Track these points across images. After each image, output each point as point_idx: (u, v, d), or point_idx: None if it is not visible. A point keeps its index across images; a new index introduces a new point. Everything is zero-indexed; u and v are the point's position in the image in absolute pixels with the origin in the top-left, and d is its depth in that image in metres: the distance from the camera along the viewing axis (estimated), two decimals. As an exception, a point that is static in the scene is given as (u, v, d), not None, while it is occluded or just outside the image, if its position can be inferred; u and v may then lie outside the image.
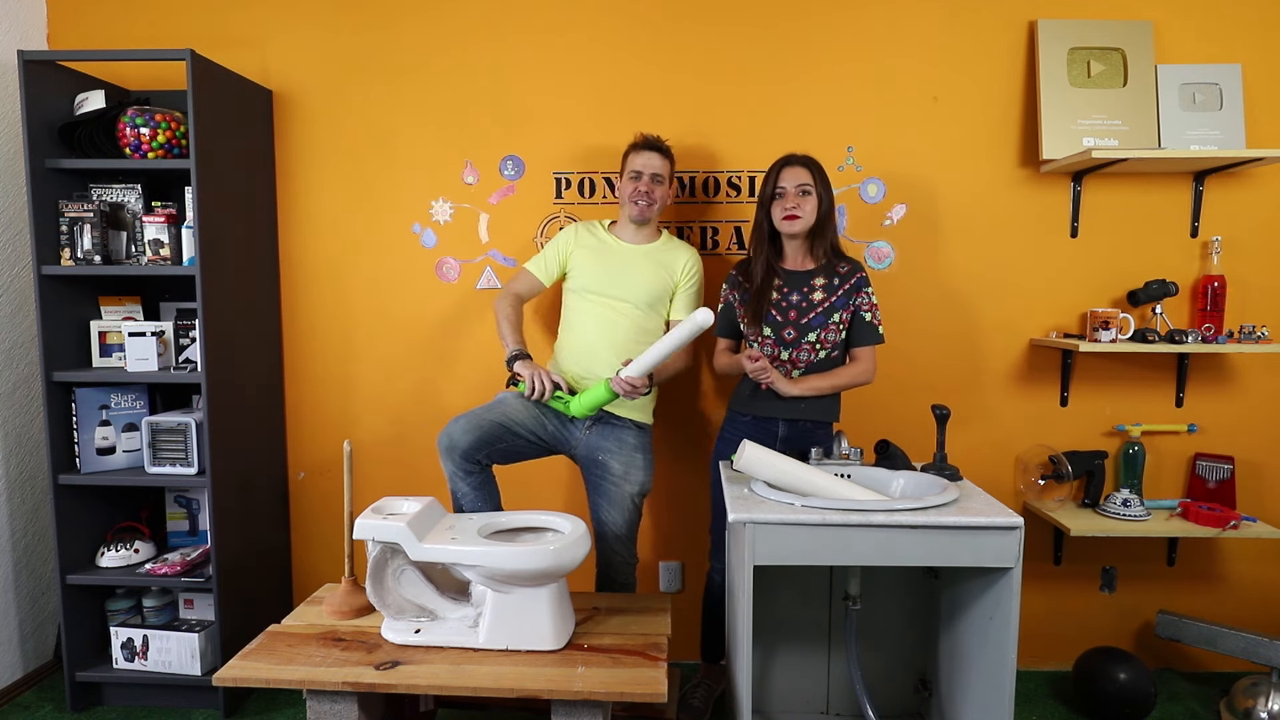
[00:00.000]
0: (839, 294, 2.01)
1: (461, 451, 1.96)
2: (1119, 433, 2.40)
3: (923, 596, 2.02)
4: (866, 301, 2.02)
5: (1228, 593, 2.45)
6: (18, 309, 2.35)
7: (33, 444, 2.39)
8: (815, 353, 2.01)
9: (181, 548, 2.34)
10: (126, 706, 2.28)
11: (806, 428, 2.04)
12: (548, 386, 1.95)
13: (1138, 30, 2.28)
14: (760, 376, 1.92)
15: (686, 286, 2.12)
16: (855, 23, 2.34)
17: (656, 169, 2.07)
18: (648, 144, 2.08)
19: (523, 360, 2.00)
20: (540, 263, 2.18)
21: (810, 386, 1.98)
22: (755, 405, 2.04)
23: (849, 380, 2.03)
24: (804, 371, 2.02)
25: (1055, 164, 2.26)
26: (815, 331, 2.00)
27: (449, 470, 1.99)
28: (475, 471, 1.99)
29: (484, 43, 2.38)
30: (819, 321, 2.00)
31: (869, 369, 2.03)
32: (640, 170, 2.07)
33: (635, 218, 2.10)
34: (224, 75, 2.19)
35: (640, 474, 2.09)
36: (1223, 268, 2.29)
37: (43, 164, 2.12)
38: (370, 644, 1.78)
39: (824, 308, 2.00)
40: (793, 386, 1.96)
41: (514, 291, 2.16)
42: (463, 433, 1.96)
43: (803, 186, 1.97)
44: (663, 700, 1.57)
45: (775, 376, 1.94)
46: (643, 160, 2.07)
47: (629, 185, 2.08)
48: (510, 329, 2.07)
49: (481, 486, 2.02)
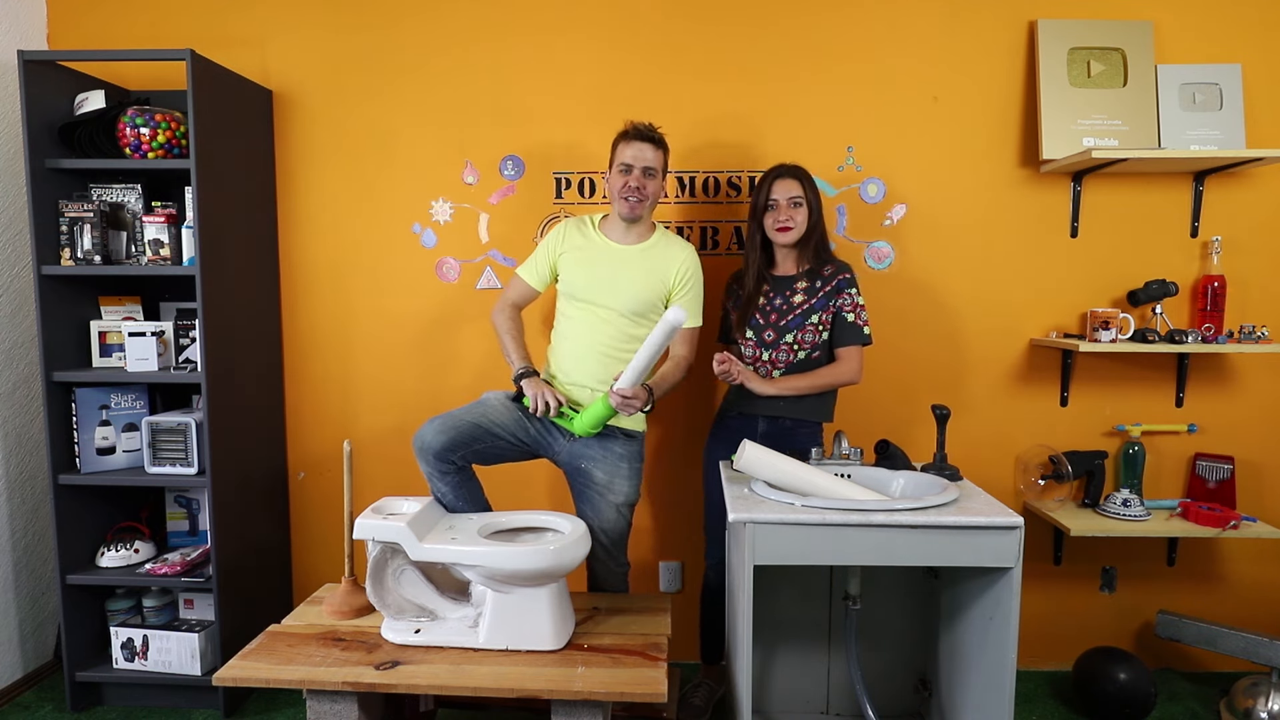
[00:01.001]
0: (819, 296, 2.03)
1: (434, 453, 1.90)
2: (1119, 433, 2.40)
3: (923, 596, 2.02)
4: (849, 302, 2.02)
5: (1228, 593, 2.45)
6: (18, 309, 2.35)
7: (33, 444, 2.39)
8: (794, 353, 2.03)
9: (181, 548, 2.34)
10: (126, 706, 2.28)
11: (787, 425, 2.05)
12: (551, 405, 1.91)
13: (1138, 30, 2.28)
14: (725, 377, 1.96)
15: (684, 289, 2.02)
16: (855, 22, 2.34)
17: (648, 161, 1.94)
18: (639, 133, 1.94)
19: (528, 379, 1.96)
20: (531, 268, 2.10)
21: (786, 386, 2.00)
22: (739, 404, 2.08)
23: (828, 380, 2.03)
24: (784, 371, 2.04)
25: (1055, 164, 2.26)
26: (793, 333, 2.02)
27: (424, 471, 1.95)
28: (451, 472, 1.94)
29: (484, 43, 2.39)
30: (796, 323, 2.02)
31: (852, 369, 2.03)
32: (630, 163, 1.94)
33: (626, 215, 1.99)
34: (224, 75, 2.19)
35: (625, 484, 2.01)
36: (1223, 268, 2.29)
37: (43, 164, 2.12)
38: (370, 644, 1.78)
39: (802, 310, 2.02)
40: (768, 386, 1.99)
41: (510, 302, 2.12)
42: (435, 434, 1.90)
43: (794, 199, 2.01)
44: (663, 700, 1.57)
45: (746, 375, 1.98)
46: (633, 152, 1.94)
47: (618, 180, 1.96)
48: (513, 344, 2.03)
49: (460, 486, 1.97)
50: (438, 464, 1.92)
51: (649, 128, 1.97)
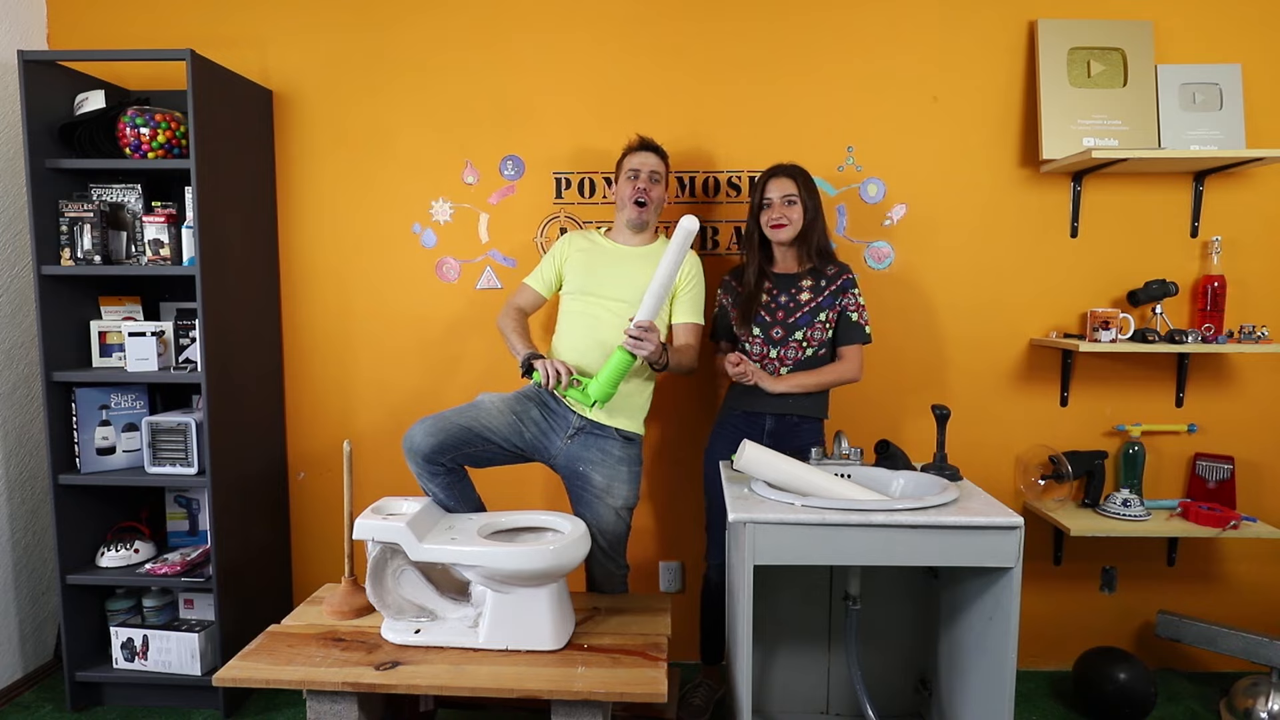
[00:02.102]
0: (825, 294, 2.06)
1: (423, 455, 1.90)
2: (1119, 433, 2.40)
3: (923, 596, 2.02)
4: (853, 302, 2.06)
5: (1228, 593, 2.45)
6: (18, 309, 2.35)
7: (33, 444, 2.39)
8: (802, 350, 2.06)
9: (181, 548, 2.34)
10: (126, 706, 2.28)
11: (793, 422, 2.07)
12: (562, 372, 1.89)
13: (1138, 30, 2.28)
14: (741, 378, 2.00)
15: (687, 289, 2.08)
16: (855, 22, 2.34)
17: (654, 167, 2.08)
18: (644, 145, 2.10)
19: (537, 358, 1.95)
20: (538, 275, 2.15)
21: (795, 383, 2.03)
22: (744, 402, 2.09)
23: (834, 377, 2.07)
24: (791, 369, 2.06)
25: (1055, 164, 2.26)
26: (802, 330, 2.05)
27: (414, 471, 1.94)
28: (440, 474, 1.94)
29: (484, 43, 2.39)
30: (805, 320, 2.05)
31: (855, 367, 2.08)
32: (638, 169, 2.07)
33: (633, 221, 2.08)
34: (224, 75, 2.19)
35: (624, 488, 2.02)
36: (1223, 268, 2.29)
37: (43, 164, 2.12)
38: (370, 644, 1.78)
39: (810, 307, 2.05)
40: (778, 384, 2.02)
41: (515, 306, 2.13)
42: (423, 436, 1.89)
43: (788, 196, 2.04)
44: (663, 700, 1.57)
45: (759, 375, 2.01)
46: (639, 159, 2.08)
47: (626, 186, 2.08)
48: (518, 337, 2.04)
49: (450, 488, 1.96)
50: (426, 465, 1.92)
51: (651, 140, 2.12)
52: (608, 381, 1.87)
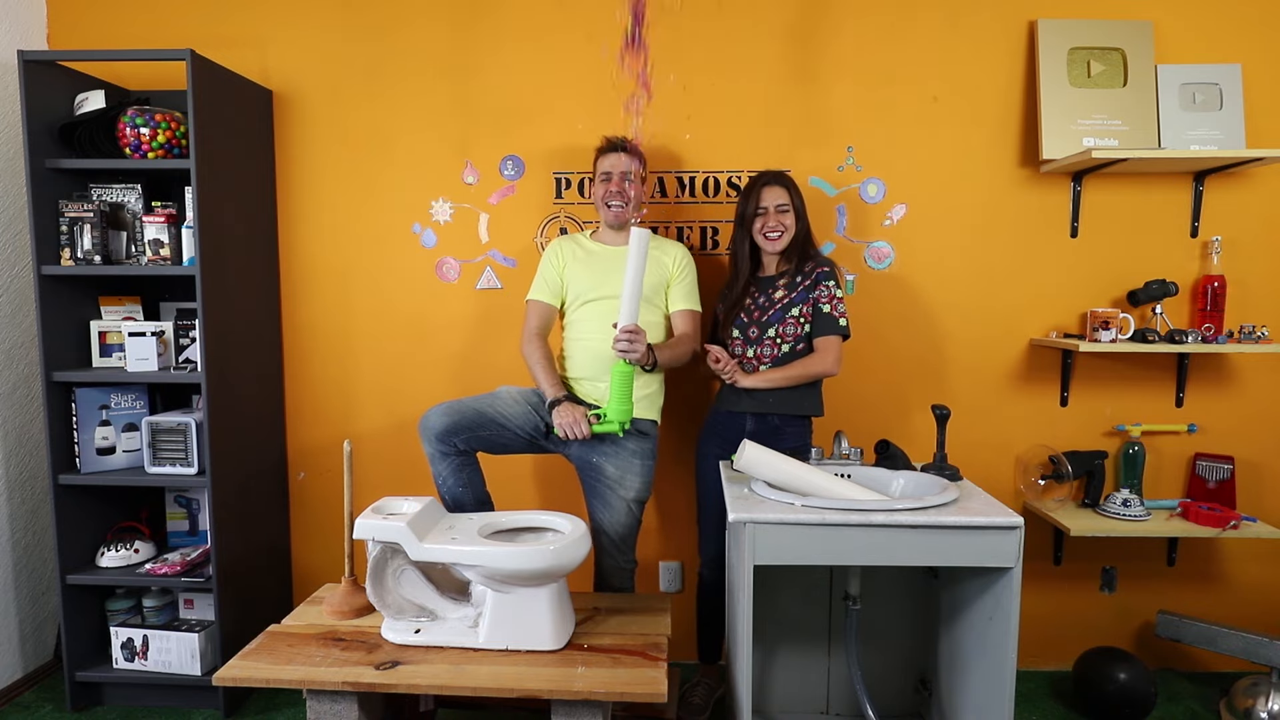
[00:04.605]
0: (799, 290, 2.06)
1: (436, 433, 1.96)
2: (1119, 433, 2.40)
3: (923, 596, 2.02)
4: (826, 294, 2.04)
5: (1228, 593, 2.45)
6: (18, 309, 2.35)
7: (33, 444, 2.39)
8: (777, 348, 2.05)
9: (181, 548, 2.34)
10: (126, 706, 2.28)
11: (774, 422, 2.05)
12: (580, 421, 1.93)
13: (1138, 30, 2.28)
14: (721, 372, 2.02)
15: (681, 278, 2.11)
16: (855, 22, 2.33)
17: (625, 168, 2.09)
18: (612, 146, 2.11)
19: (558, 407, 1.97)
20: (542, 286, 2.15)
21: (765, 379, 2.03)
22: (729, 401, 2.10)
23: (804, 370, 2.03)
24: (770, 366, 2.06)
25: (1055, 164, 2.26)
26: (774, 326, 2.05)
27: (427, 451, 2.00)
28: (452, 454, 1.99)
29: (484, 43, 2.39)
30: (777, 317, 2.05)
31: (828, 360, 2.04)
32: (610, 171, 2.09)
33: (612, 221, 2.12)
34: (224, 75, 2.19)
35: (636, 480, 2.05)
36: (1223, 268, 2.29)
37: (43, 164, 2.12)
38: (370, 644, 1.78)
39: (782, 304, 2.05)
40: (748, 380, 2.03)
41: (534, 332, 2.12)
42: (439, 415, 1.97)
43: (781, 205, 2.05)
44: (663, 700, 1.57)
45: (735, 371, 2.03)
46: (610, 161, 2.09)
47: (601, 188, 2.11)
48: (543, 373, 2.05)
49: (460, 470, 2.01)
50: (439, 444, 1.97)
51: (621, 139, 2.12)
52: (621, 399, 1.90)
